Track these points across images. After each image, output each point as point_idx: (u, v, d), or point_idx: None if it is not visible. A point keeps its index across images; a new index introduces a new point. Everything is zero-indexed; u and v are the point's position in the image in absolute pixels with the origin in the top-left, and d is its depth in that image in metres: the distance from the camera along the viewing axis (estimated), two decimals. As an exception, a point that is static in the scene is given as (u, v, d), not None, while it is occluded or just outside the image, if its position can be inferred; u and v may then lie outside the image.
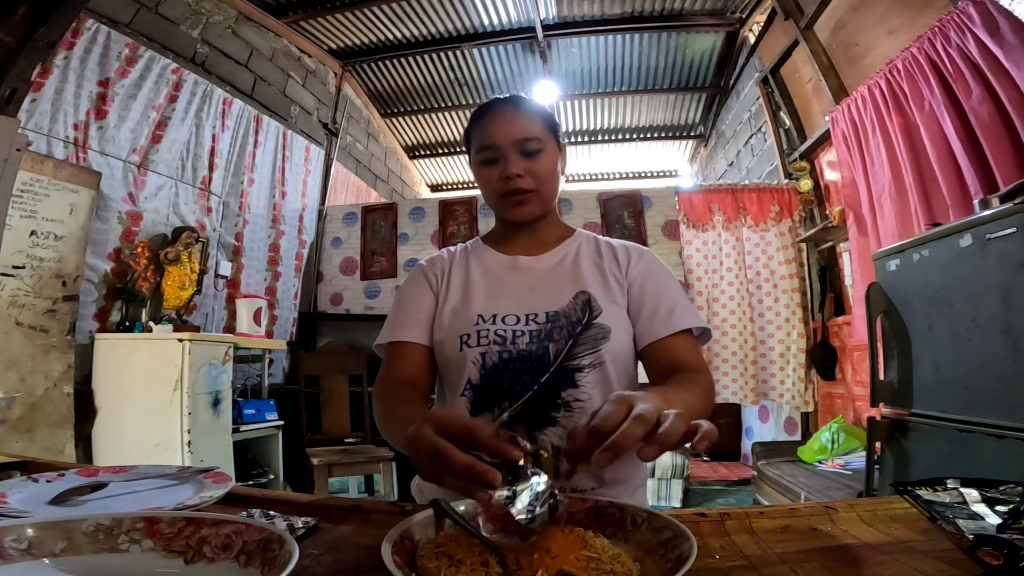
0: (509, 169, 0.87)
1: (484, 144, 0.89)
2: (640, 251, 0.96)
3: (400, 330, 0.91)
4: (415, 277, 0.98)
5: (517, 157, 0.87)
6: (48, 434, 2.34)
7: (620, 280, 0.92)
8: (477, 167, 0.92)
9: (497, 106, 0.91)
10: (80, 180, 2.56)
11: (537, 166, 0.88)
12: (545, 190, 0.90)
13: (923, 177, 2.52)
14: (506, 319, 0.86)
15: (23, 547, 0.43)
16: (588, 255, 0.95)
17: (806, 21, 3.46)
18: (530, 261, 0.94)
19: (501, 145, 0.87)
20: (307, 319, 4.30)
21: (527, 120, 0.89)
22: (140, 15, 3.02)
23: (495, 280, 0.93)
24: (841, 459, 2.90)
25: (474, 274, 0.94)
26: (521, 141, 0.87)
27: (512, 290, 0.90)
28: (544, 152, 0.89)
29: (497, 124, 0.88)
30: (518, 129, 0.87)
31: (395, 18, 4.44)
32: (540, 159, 0.88)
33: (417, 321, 0.92)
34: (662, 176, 7.12)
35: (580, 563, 0.45)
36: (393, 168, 6.42)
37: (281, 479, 3.09)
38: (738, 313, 3.86)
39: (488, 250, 0.98)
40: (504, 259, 0.95)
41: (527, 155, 0.88)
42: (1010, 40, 2.02)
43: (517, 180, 0.87)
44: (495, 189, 0.89)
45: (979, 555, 0.43)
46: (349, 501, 0.68)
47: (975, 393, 1.57)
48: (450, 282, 0.94)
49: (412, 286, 0.97)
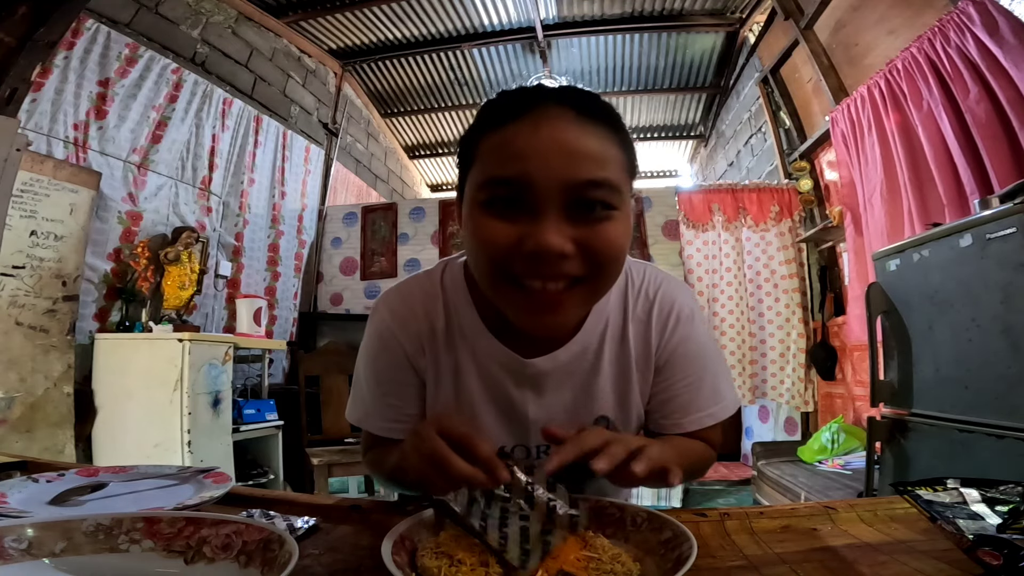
0: (547, 239, 0.48)
1: (502, 175, 0.50)
2: (676, 319, 0.69)
3: (383, 425, 0.71)
4: (386, 348, 0.69)
5: (563, 215, 0.49)
6: (48, 434, 2.34)
7: (646, 374, 0.69)
8: (475, 211, 0.52)
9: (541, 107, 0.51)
10: (80, 180, 2.56)
11: (601, 236, 0.50)
12: (603, 282, 0.54)
13: (919, 177, 2.52)
14: (515, 451, 0.69)
15: (23, 547, 0.43)
16: (612, 348, 0.67)
17: (806, 21, 3.46)
18: (543, 366, 0.65)
19: (539, 185, 0.48)
20: (307, 319, 4.30)
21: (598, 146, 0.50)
22: (140, 15, 3.02)
23: (499, 398, 0.67)
24: (841, 459, 2.90)
25: (468, 378, 0.67)
26: (581, 186, 0.49)
27: (520, 415, 0.67)
28: (617, 213, 0.51)
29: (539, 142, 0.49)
30: (580, 160, 0.49)
31: (395, 18, 4.43)
32: (609, 225, 0.51)
33: (401, 417, 0.70)
34: (662, 176, 7.12)
35: (580, 563, 0.45)
36: (393, 168, 6.42)
37: (281, 479, 3.09)
38: (736, 313, 3.86)
39: (478, 327, 0.66)
40: (505, 358, 0.65)
41: (586, 212, 0.50)
42: (1009, 40, 2.02)
43: (558, 263, 0.49)
44: (505, 264, 0.51)
45: (979, 555, 0.43)
46: (349, 501, 0.68)
47: (975, 393, 1.57)
48: (439, 380, 0.68)
49: (386, 363, 0.69)
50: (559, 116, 0.50)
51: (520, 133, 0.49)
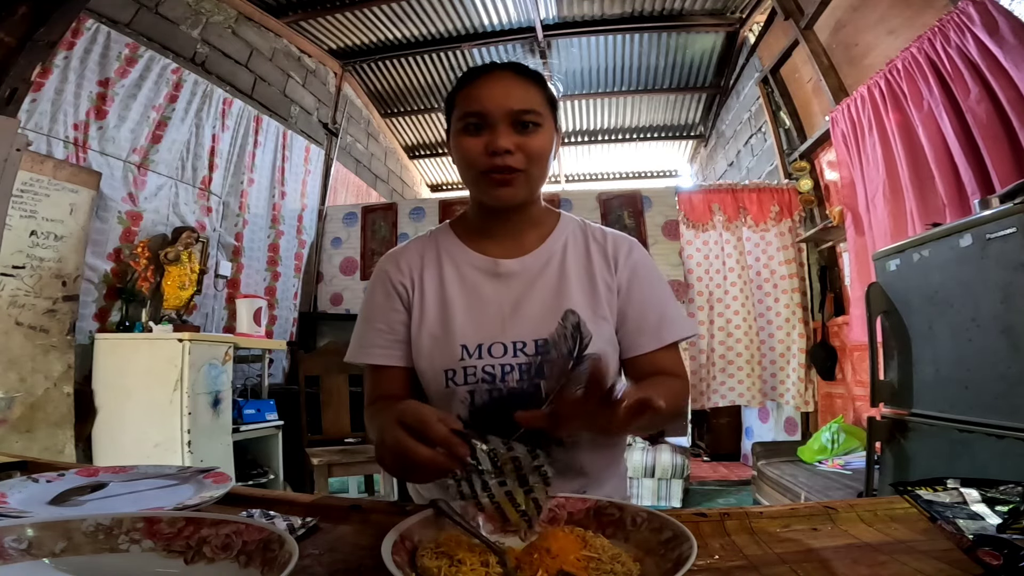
0: (498, 142, 0.75)
1: (471, 110, 0.77)
2: (629, 247, 0.88)
3: (374, 351, 0.84)
4: (381, 284, 0.88)
5: (508, 130, 0.76)
6: (48, 434, 2.34)
7: (610, 284, 0.85)
8: (457, 136, 0.79)
9: (493, 70, 0.79)
10: (80, 180, 2.56)
11: (531, 143, 0.77)
12: (536, 172, 0.79)
13: (920, 176, 2.52)
14: (492, 350, 0.79)
15: (23, 547, 0.43)
16: (576, 257, 0.86)
17: (806, 21, 3.46)
18: (511, 265, 0.84)
19: (492, 113, 0.75)
20: (307, 319, 4.30)
21: (527, 90, 0.78)
22: (140, 15, 3.02)
23: (474, 294, 0.83)
24: (841, 459, 2.90)
25: (450, 286, 0.84)
26: (517, 112, 0.76)
27: (495, 309, 0.81)
28: (541, 129, 0.78)
29: (491, 89, 0.77)
30: (515, 98, 0.76)
31: (395, 18, 4.43)
32: (535, 135, 0.77)
33: (392, 343, 0.84)
34: (662, 176, 7.12)
35: (580, 563, 0.45)
36: (393, 168, 6.42)
37: (281, 479, 3.09)
38: (742, 314, 3.85)
39: (461, 247, 0.87)
40: (481, 262, 0.85)
41: (521, 129, 0.77)
42: (1009, 40, 2.02)
43: (506, 156, 0.75)
44: (476, 164, 0.77)
45: (979, 555, 0.43)
46: (349, 501, 0.68)
47: (975, 393, 1.57)
48: (424, 295, 0.84)
49: (379, 297, 0.87)
50: (504, 74, 0.79)
51: (482, 86, 0.78)
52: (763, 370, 3.84)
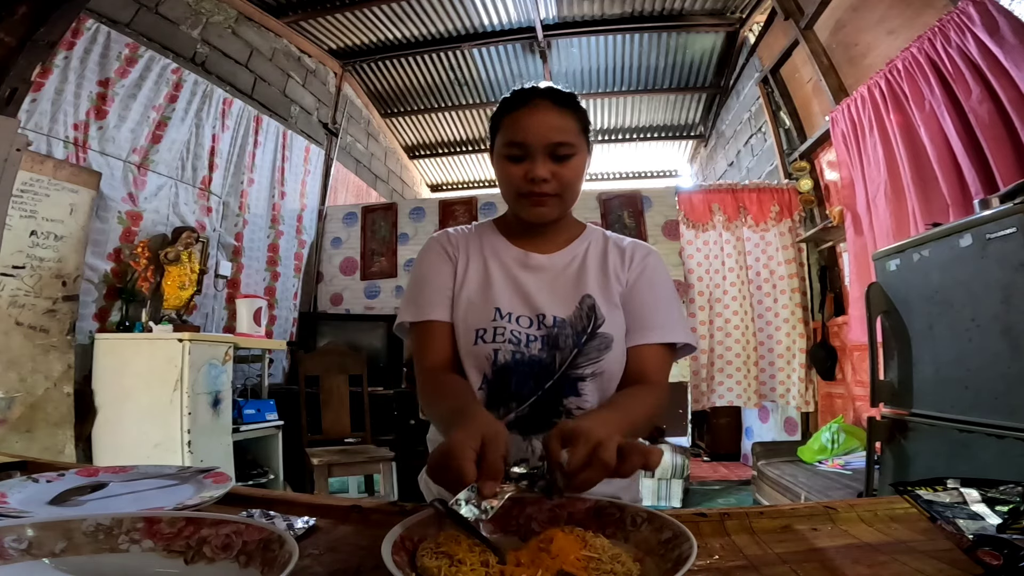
0: (536, 172, 0.83)
1: (513, 140, 0.85)
2: (645, 252, 0.96)
3: (428, 309, 0.90)
4: (434, 250, 0.96)
5: (546, 159, 0.84)
6: (48, 434, 2.34)
7: (620, 278, 0.93)
8: (501, 160, 0.88)
9: (534, 100, 0.86)
10: (80, 180, 2.56)
11: (565, 172, 0.85)
12: (568, 195, 0.88)
13: (922, 176, 2.52)
14: (520, 319, 0.87)
15: (23, 547, 0.43)
16: (596, 256, 0.95)
17: (806, 21, 3.46)
18: (541, 260, 0.93)
19: (532, 145, 0.83)
20: (307, 319, 4.30)
21: (564, 120, 0.85)
22: (140, 15, 3.02)
23: (510, 277, 0.93)
24: (841, 459, 2.90)
25: (491, 266, 0.94)
26: (554, 145, 0.84)
27: (525, 289, 0.91)
28: (575, 157, 0.86)
29: (531, 121, 0.84)
30: (553, 131, 0.84)
31: (395, 18, 4.43)
32: (569, 164, 0.85)
33: (444, 298, 0.92)
34: (662, 176, 7.11)
35: (580, 563, 0.45)
36: (393, 168, 6.42)
37: (281, 479, 3.09)
38: (740, 314, 3.86)
39: (501, 239, 0.97)
40: (517, 254, 0.94)
41: (557, 160, 0.84)
42: (1010, 40, 2.02)
43: (542, 184, 0.84)
44: (517, 187, 0.86)
45: (979, 555, 0.43)
46: (349, 501, 0.68)
47: (975, 393, 1.57)
48: (468, 266, 0.94)
49: (432, 260, 0.95)
50: (543, 104, 0.86)
51: (524, 116, 0.85)
52: (760, 371, 3.84)
